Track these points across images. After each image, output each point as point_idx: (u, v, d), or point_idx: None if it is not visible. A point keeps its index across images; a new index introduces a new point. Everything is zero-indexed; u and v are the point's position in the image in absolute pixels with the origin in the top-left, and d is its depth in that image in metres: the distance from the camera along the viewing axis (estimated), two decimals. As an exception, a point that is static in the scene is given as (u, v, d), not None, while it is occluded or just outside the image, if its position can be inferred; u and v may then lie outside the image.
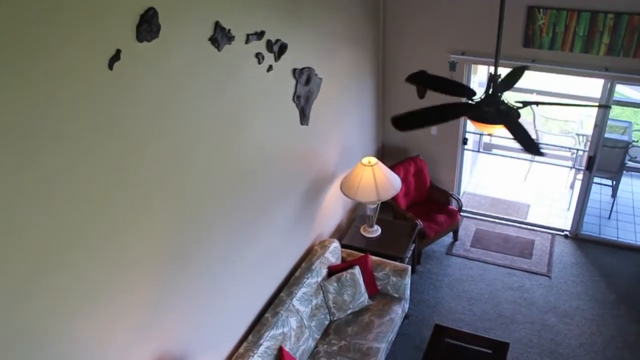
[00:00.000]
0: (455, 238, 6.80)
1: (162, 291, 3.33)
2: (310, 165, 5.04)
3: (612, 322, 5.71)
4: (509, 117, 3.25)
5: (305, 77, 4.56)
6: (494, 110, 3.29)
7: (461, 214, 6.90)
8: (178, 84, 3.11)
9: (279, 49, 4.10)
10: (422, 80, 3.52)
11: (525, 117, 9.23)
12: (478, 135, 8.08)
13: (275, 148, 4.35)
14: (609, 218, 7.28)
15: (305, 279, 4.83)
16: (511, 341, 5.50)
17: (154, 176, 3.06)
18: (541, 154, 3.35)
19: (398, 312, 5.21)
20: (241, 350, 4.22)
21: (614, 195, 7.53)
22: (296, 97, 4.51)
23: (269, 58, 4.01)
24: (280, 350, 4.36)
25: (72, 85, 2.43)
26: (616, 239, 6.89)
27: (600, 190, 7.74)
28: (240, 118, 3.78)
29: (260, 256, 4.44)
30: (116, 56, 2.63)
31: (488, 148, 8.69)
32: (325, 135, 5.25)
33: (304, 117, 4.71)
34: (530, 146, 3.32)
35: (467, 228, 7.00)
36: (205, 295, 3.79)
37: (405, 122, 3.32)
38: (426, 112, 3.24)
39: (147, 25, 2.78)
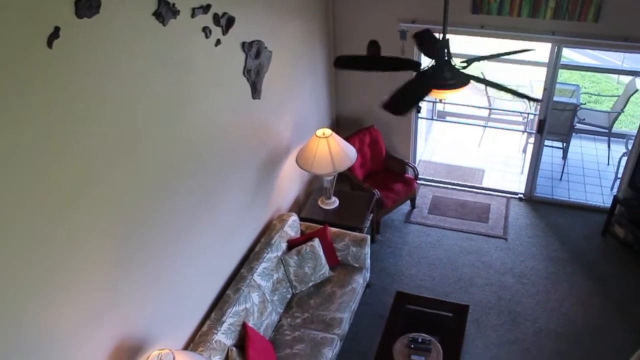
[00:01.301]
0: (413, 206, 6.88)
1: (118, 273, 3.28)
2: (264, 139, 5.00)
3: (566, 280, 5.88)
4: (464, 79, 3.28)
5: (254, 51, 4.50)
6: (451, 76, 3.32)
7: (418, 182, 6.96)
8: (122, 60, 3.03)
9: (227, 23, 4.02)
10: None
11: (478, 84, 9.34)
12: (432, 104, 8.14)
13: (228, 123, 4.30)
14: (561, 179, 7.46)
15: (265, 254, 4.82)
16: (471, 303, 5.62)
17: (101, 154, 2.98)
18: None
19: (359, 281, 5.25)
20: (204, 328, 4.20)
21: (564, 157, 7.71)
22: (247, 71, 4.45)
23: (217, 32, 3.94)
24: (244, 326, 4.36)
25: (8, 65, 2.33)
26: (568, 199, 7.07)
27: (552, 153, 7.91)
28: (190, 94, 3.71)
29: (218, 233, 4.40)
30: (55, 34, 2.54)
31: (442, 116, 8.77)
32: (279, 108, 5.21)
33: (255, 91, 4.65)
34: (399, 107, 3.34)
35: (424, 195, 7.08)
36: (164, 276, 3.75)
37: (348, 62, 3.34)
38: (372, 58, 3.27)
39: (87, 1, 2.68)
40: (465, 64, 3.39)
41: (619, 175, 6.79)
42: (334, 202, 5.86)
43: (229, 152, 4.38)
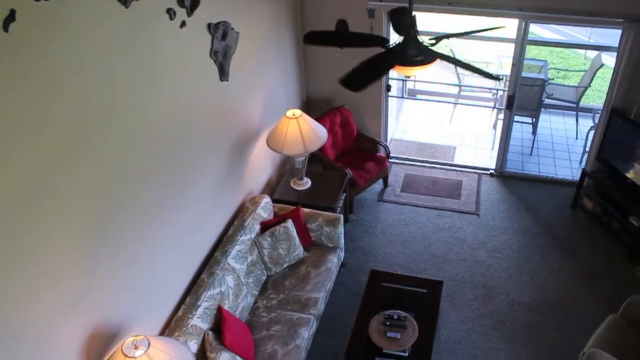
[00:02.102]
0: (386, 184, 6.90)
1: (89, 261, 3.23)
2: (234, 121, 4.96)
3: (538, 253, 5.97)
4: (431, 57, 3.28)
5: (221, 32, 4.44)
6: (418, 52, 3.31)
7: (389, 160, 6.98)
8: (83, 44, 2.95)
9: (191, 4, 3.95)
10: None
11: (448, 63, 9.35)
12: (402, 82, 8.15)
13: (196, 106, 4.25)
14: (531, 154, 7.55)
15: (239, 237, 4.80)
16: (445, 279, 5.68)
17: (66, 141, 2.92)
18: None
19: (334, 261, 5.27)
20: (180, 313, 4.18)
21: (534, 132, 7.79)
22: (213, 53, 4.39)
23: (181, 13, 3.88)
24: (220, 309, 4.34)
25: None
26: (538, 173, 7.16)
27: (521, 128, 8.00)
28: (155, 77, 3.65)
29: (190, 218, 4.37)
30: (11, 17, 2.46)
31: (412, 94, 8.79)
32: (248, 90, 5.16)
33: (223, 73, 4.60)
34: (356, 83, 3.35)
35: (396, 174, 7.11)
36: (137, 262, 3.71)
37: (317, 37, 3.33)
38: (341, 34, 3.26)
39: (44, -18, 2.61)
40: (434, 41, 3.39)
41: (587, 149, 6.89)
42: (306, 183, 5.85)
43: (198, 135, 4.33)
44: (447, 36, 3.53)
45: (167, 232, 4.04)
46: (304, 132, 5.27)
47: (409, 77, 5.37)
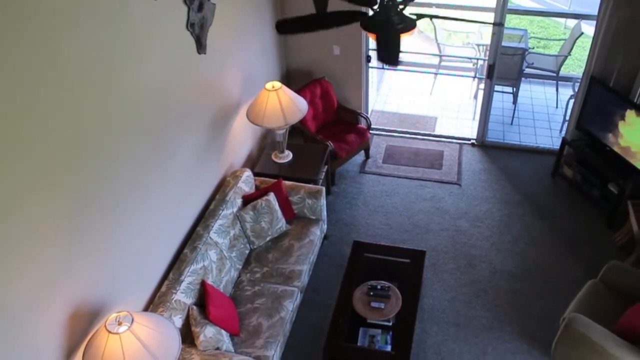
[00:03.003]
0: (367, 156, 6.89)
1: (69, 238, 3.19)
2: (213, 94, 4.89)
3: (519, 221, 6.02)
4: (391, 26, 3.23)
5: (197, 3, 4.35)
6: (399, 20, 3.27)
7: (371, 132, 6.96)
8: (49, 18, 2.84)
9: (166, -27, 3.87)
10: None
11: (429, 33, 9.32)
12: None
13: (174, 80, 4.17)
14: (512, 124, 7.57)
15: (221, 211, 4.78)
16: (428, 249, 5.72)
17: (43, 112, 2.85)
18: (396, 65, 3.34)
19: (317, 233, 5.27)
20: (163, 289, 4.16)
21: (514, 101, 7.80)
22: (190, 25, 4.31)
23: (156, -16, 3.79)
24: (203, 284, 4.33)
25: None
26: (519, 142, 7.19)
27: (502, 98, 8.00)
28: (130, 51, 3.56)
29: (171, 193, 4.32)
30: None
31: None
32: (226, 63, 5.08)
33: (200, 46, 4.52)
34: (391, 58, 3.31)
35: (377, 145, 7.10)
36: (118, 238, 3.67)
37: (290, 26, 3.27)
38: (314, 17, 3.19)
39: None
40: (415, 17, 3.34)
41: (567, 118, 6.91)
42: (287, 156, 5.82)
43: (176, 109, 4.26)
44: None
45: (148, 208, 4.00)
46: (284, 104, 5.23)
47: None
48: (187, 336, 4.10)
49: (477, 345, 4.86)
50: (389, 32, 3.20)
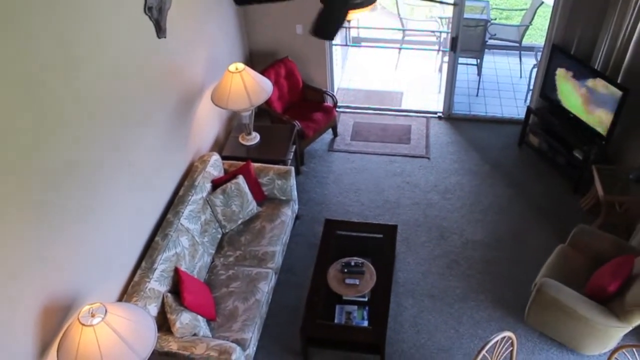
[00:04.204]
0: (335, 134, 6.87)
1: (35, 230, 3.12)
2: (176, 79, 4.81)
3: (489, 191, 6.08)
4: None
5: (154, -15, 4.26)
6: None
7: (337, 109, 6.95)
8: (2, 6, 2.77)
9: (120, -44, 3.77)
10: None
11: (391, 8, 9.29)
12: (345, 30, 8.05)
13: (134, 66, 4.08)
14: (477, 95, 7.61)
15: (190, 197, 4.73)
16: (399, 223, 5.76)
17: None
18: (331, 39, 3.36)
19: (288, 214, 5.26)
20: (136, 278, 4.12)
21: (479, 73, 7.85)
22: (147, 9, 4.21)
23: (110, -33, 3.69)
24: (177, 271, 4.30)
25: None
26: (485, 114, 7.24)
27: (467, 70, 8.04)
28: (86, 38, 3.47)
29: (139, 180, 4.26)
30: None
31: (357, 41, 8.71)
32: (187, 46, 5.00)
33: (160, 30, 4.43)
34: (325, 31, 3.31)
35: (345, 123, 7.09)
36: (86, 229, 3.60)
37: None
38: None
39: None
40: None
41: (531, 87, 6.98)
42: (254, 138, 5.77)
43: (139, 96, 4.18)
44: None
45: (115, 197, 3.94)
46: (248, 85, 5.17)
47: (349, 21, 5.31)
48: (164, 324, 4.07)
49: (452, 315, 4.92)
50: (334, 6, 3.19)
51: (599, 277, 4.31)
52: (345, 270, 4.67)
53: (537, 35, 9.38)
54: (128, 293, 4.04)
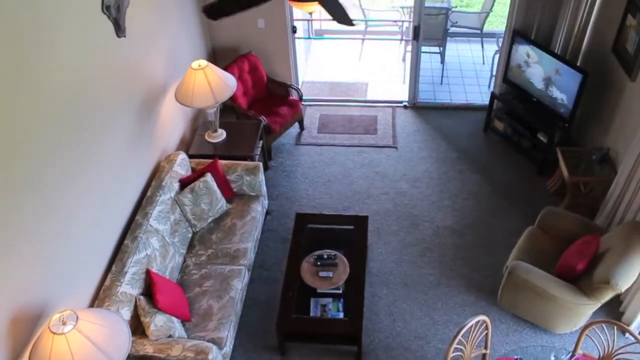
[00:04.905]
0: (302, 127, 6.86)
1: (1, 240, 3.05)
2: (138, 79, 4.73)
3: (457, 177, 6.13)
4: None
5: (111, -16, 4.18)
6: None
7: (303, 103, 6.93)
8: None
9: (73, -45, 3.69)
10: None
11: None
12: (307, 22, 8.03)
13: (94, 67, 3.99)
14: (441, 83, 7.67)
15: (158, 197, 4.67)
16: (370, 214, 5.77)
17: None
18: (352, 24, 3.37)
19: (258, 209, 5.23)
20: (107, 282, 4.05)
21: (442, 61, 7.91)
22: (105, 8, 4.13)
23: (64, -34, 3.60)
24: (148, 273, 4.25)
25: None
26: (450, 101, 7.30)
27: (430, 59, 8.09)
28: (42, 41, 3.37)
29: (106, 183, 4.18)
30: None
31: (319, 34, 8.69)
32: (148, 44, 4.92)
33: (119, 29, 4.35)
34: (343, 18, 3.33)
35: (311, 116, 7.07)
36: (53, 235, 3.52)
37: (218, 11, 3.18)
38: None
39: None
40: None
41: (494, 73, 7.05)
42: (221, 135, 5.72)
43: (100, 97, 4.10)
44: None
45: (82, 201, 3.86)
46: (212, 82, 5.12)
47: (311, 13, 5.29)
48: (138, 327, 4.02)
49: (427, 302, 4.96)
50: None
51: (567, 256, 4.38)
52: (319, 263, 4.67)
53: (498, 22, 9.48)
54: (99, 298, 3.97)
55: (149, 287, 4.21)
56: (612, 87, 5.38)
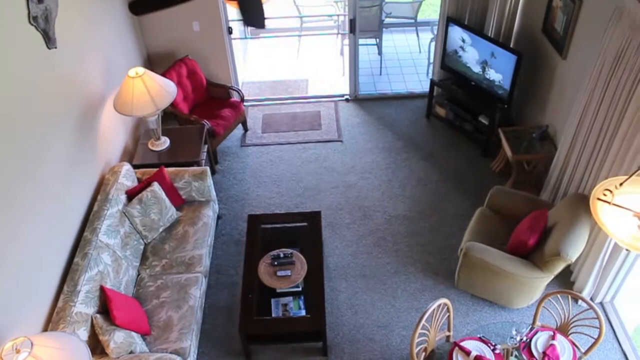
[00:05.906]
0: (246, 129, 6.80)
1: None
2: (73, 90, 4.58)
3: (404, 165, 6.20)
4: None
5: (36, -6, 4.03)
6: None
7: (245, 104, 6.87)
8: None
9: (-6, -34, 3.53)
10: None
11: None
12: (243, 22, 7.94)
13: (24, 81, 3.83)
14: (380, 74, 7.74)
15: (106, 211, 4.54)
16: (322, 209, 5.77)
17: None
18: (264, 27, 3.32)
19: (209, 214, 5.15)
20: (60, 304, 3.91)
21: (380, 52, 7.98)
22: (32, 19, 3.98)
23: (-16, -22, 3.45)
24: (102, 289, 4.12)
25: None
26: (390, 91, 7.37)
27: (368, 51, 8.15)
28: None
29: (48, 202, 4.03)
30: None
31: (255, 33, 8.63)
32: (81, 54, 4.77)
33: (49, 40, 4.20)
34: (257, 20, 3.28)
35: (254, 116, 7.02)
36: (-4, 259, 3.38)
37: (142, 5, 3.11)
38: None
39: None
40: None
41: (431, 60, 7.15)
42: (164, 142, 5.61)
43: (34, 112, 3.94)
44: None
45: (24, 222, 3.71)
46: (151, 89, 5.01)
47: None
48: (97, 347, 3.90)
49: (387, 292, 4.99)
50: None
51: (518, 233, 4.48)
52: (276, 262, 4.64)
53: (431, 10, 9.62)
54: (53, 321, 3.83)
55: (105, 304, 4.09)
56: (545, 66, 5.53)
